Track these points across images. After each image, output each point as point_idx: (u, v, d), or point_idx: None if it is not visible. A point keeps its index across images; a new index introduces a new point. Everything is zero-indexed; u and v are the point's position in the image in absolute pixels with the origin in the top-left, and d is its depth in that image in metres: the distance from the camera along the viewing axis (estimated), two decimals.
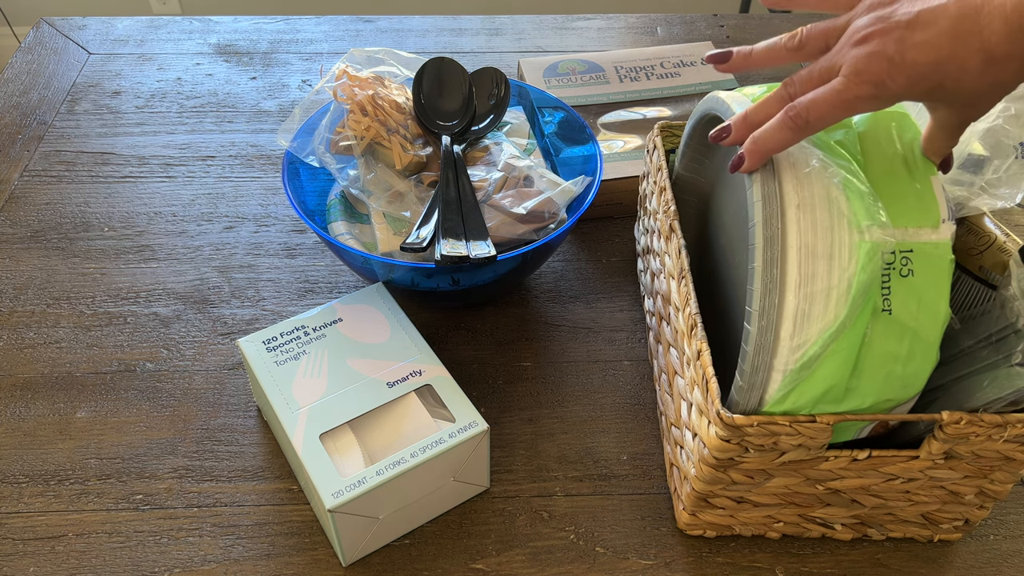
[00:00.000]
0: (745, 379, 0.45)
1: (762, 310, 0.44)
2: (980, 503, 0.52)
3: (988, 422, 0.45)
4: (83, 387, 0.64)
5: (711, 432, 0.47)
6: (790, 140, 0.43)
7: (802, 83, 0.44)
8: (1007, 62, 0.38)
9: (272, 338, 0.59)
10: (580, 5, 2.16)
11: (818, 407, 0.45)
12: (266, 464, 0.59)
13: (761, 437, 0.46)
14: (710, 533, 0.56)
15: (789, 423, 0.45)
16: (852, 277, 0.43)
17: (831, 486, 0.51)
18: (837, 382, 0.44)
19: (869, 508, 0.53)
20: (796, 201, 0.44)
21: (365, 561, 0.54)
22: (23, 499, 0.57)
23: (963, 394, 0.49)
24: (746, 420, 0.45)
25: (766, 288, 0.44)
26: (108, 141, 0.87)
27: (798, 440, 0.46)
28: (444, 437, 0.53)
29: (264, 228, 0.78)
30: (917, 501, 0.52)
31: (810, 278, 0.43)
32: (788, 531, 0.55)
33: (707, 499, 0.53)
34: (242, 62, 0.99)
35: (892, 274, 0.45)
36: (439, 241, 0.58)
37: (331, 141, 0.67)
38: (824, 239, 0.43)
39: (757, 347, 0.44)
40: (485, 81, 0.71)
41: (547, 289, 0.73)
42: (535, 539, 0.56)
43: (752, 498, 0.52)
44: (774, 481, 0.51)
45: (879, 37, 0.40)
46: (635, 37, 1.05)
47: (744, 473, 0.50)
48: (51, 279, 0.72)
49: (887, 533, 0.55)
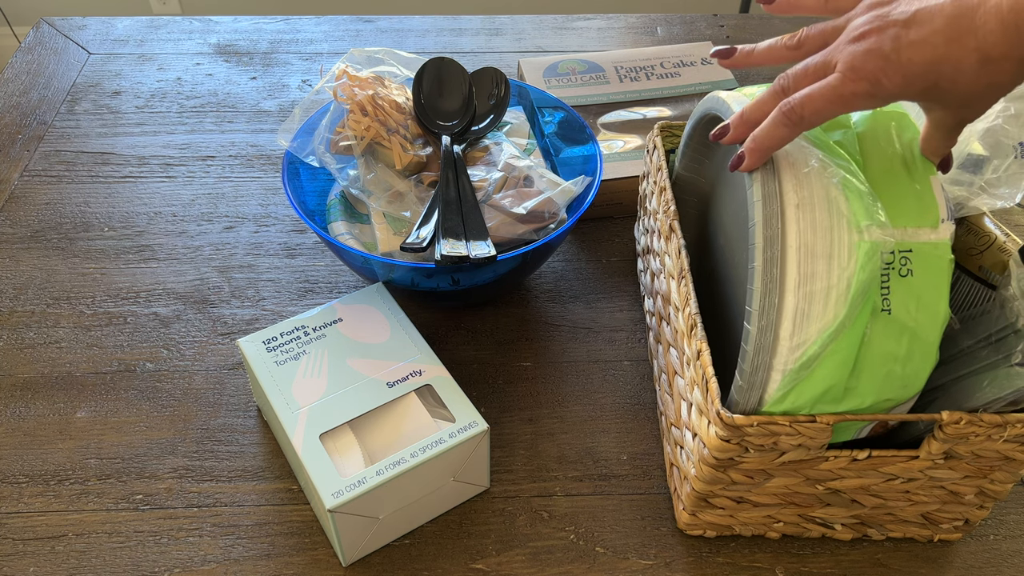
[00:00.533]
0: (745, 379, 0.45)
1: (762, 310, 0.44)
2: (980, 503, 0.52)
3: (988, 422, 0.45)
4: (83, 387, 0.64)
5: (711, 432, 0.47)
6: (787, 136, 0.43)
7: (796, 78, 0.44)
8: (1002, 62, 0.38)
9: (272, 338, 0.59)
10: (580, 5, 2.16)
11: (817, 407, 0.45)
12: (266, 464, 0.59)
13: (761, 437, 0.46)
14: (710, 533, 0.56)
15: (789, 423, 0.45)
16: (851, 277, 0.43)
17: (831, 486, 0.51)
18: (836, 382, 0.44)
19: (869, 508, 0.53)
20: (796, 201, 0.44)
21: (365, 561, 0.54)
22: (23, 499, 0.57)
23: (963, 394, 0.48)
24: (746, 420, 0.45)
25: (766, 288, 0.44)
26: (108, 141, 0.87)
27: (798, 440, 0.46)
28: (444, 437, 0.53)
29: (264, 228, 0.78)
30: (917, 501, 0.52)
31: (809, 278, 0.43)
32: (788, 531, 0.55)
33: (707, 499, 0.53)
34: (242, 62, 0.99)
35: (891, 274, 0.45)
36: (439, 241, 0.58)
37: (331, 141, 0.67)
38: (823, 239, 0.43)
39: (757, 347, 0.44)
40: (485, 81, 0.71)
41: (547, 289, 0.73)
42: (535, 539, 0.56)
43: (752, 498, 0.52)
44: (774, 481, 0.51)
45: (876, 35, 0.40)
46: (635, 37, 1.05)
47: (744, 473, 0.50)
48: (51, 279, 0.72)
49: (887, 533, 0.55)
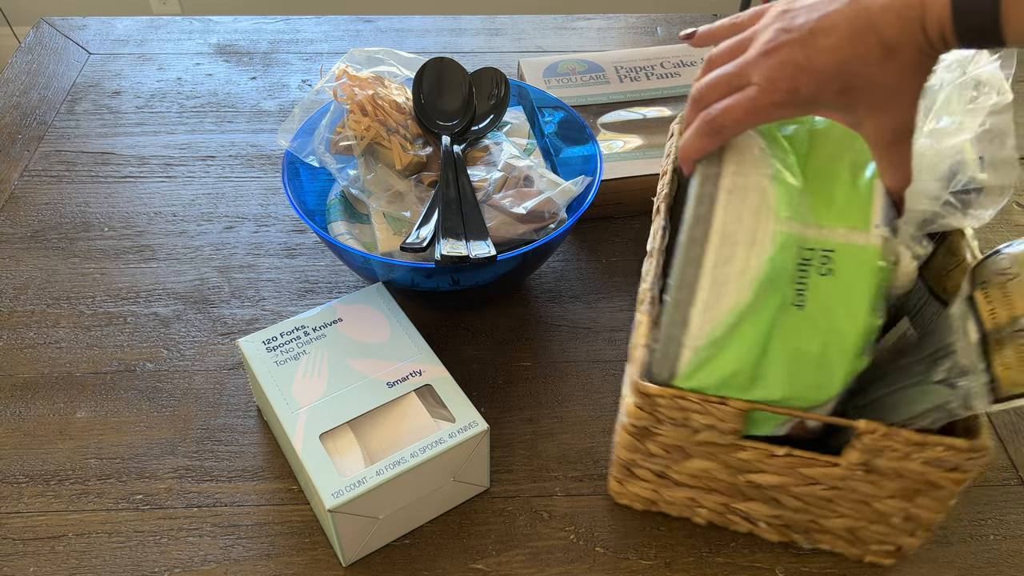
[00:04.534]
0: (660, 350, 0.47)
1: (679, 284, 0.45)
2: (910, 530, 0.51)
3: (905, 438, 0.45)
4: (83, 387, 0.64)
5: (629, 400, 0.49)
6: (708, 145, 0.46)
7: (709, 89, 0.46)
8: (904, 51, 0.40)
9: (272, 338, 0.59)
10: (580, 5, 2.16)
11: (724, 390, 0.46)
12: (266, 464, 0.59)
13: (672, 410, 0.48)
14: (637, 505, 0.57)
15: (699, 401, 0.46)
16: (762, 264, 0.44)
17: (752, 479, 0.51)
18: (742, 367, 0.45)
19: (792, 511, 0.52)
20: (729, 187, 0.46)
21: (365, 561, 0.54)
22: (23, 499, 0.57)
23: (890, 408, 0.48)
24: (658, 391, 0.47)
25: (685, 263, 0.45)
26: (108, 141, 0.87)
27: (709, 420, 0.47)
28: (444, 437, 0.53)
29: (264, 228, 0.78)
30: (842, 514, 0.51)
31: (726, 260, 0.45)
32: (713, 519, 0.56)
33: (630, 468, 0.54)
34: (242, 62, 0.99)
35: (810, 270, 0.45)
36: (439, 241, 0.58)
37: (331, 141, 0.67)
38: (747, 226, 0.45)
39: (671, 320, 0.46)
40: (485, 81, 0.71)
41: (547, 289, 0.73)
42: (535, 539, 0.56)
43: (673, 476, 0.53)
44: (694, 462, 0.51)
45: (787, 47, 0.42)
46: (635, 37, 1.05)
47: (661, 447, 0.51)
48: (51, 279, 0.72)
49: (815, 543, 0.55)
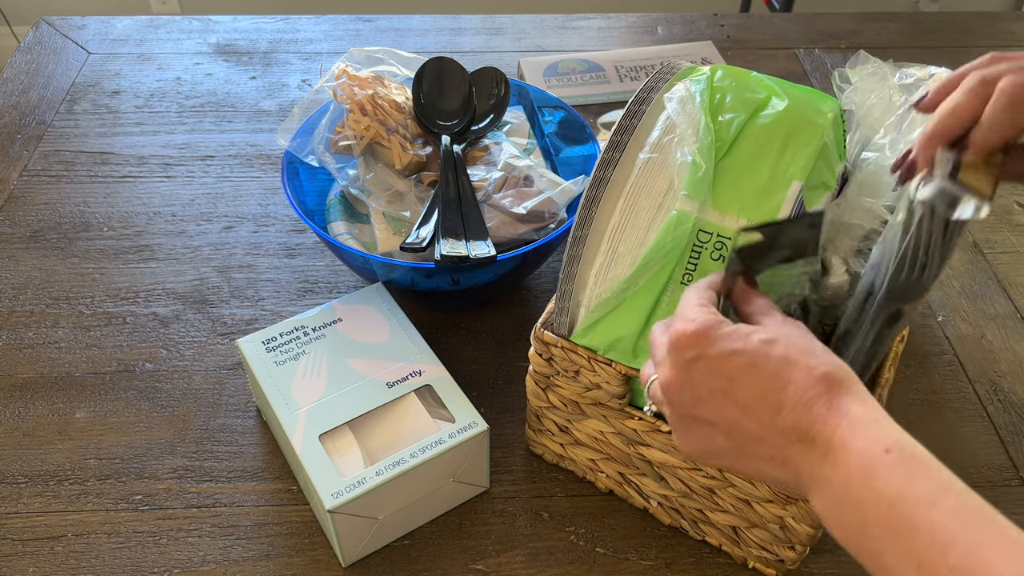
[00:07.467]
0: (557, 302, 0.49)
1: (576, 240, 0.47)
2: (788, 540, 0.50)
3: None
4: (82, 387, 0.64)
5: (532, 347, 0.52)
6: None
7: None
8: None
9: (272, 338, 0.58)
10: (580, 5, 2.16)
11: (611, 353, 0.48)
12: (266, 464, 0.59)
13: (564, 362, 0.51)
14: (548, 457, 0.59)
15: (587, 357, 0.49)
16: (656, 238, 0.46)
17: (641, 452, 0.52)
18: (626, 334, 0.47)
19: (679, 495, 0.53)
20: (649, 155, 0.47)
21: (365, 561, 0.54)
22: (23, 499, 0.57)
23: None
24: (552, 339, 0.50)
25: (586, 218, 0.47)
26: (107, 141, 0.87)
27: (596, 379, 0.49)
28: (444, 437, 0.52)
29: (264, 228, 0.77)
30: (726, 509, 0.52)
31: (624, 228, 0.47)
32: (614, 488, 0.57)
33: (538, 416, 0.56)
34: (242, 62, 0.99)
35: (703, 253, 0.46)
36: (439, 241, 0.58)
37: (331, 141, 0.67)
38: (651, 199, 0.47)
39: (567, 274, 0.48)
40: (485, 81, 0.71)
41: (547, 289, 0.73)
42: (535, 539, 0.56)
43: (576, 433, 0.55)
44: (591, 423, 0.53)
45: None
46: (635, 36, 1.05)
47: (560, 399, 0.54)
48: (50, 279, 0.72)
49: (702, 534, 0.55)
